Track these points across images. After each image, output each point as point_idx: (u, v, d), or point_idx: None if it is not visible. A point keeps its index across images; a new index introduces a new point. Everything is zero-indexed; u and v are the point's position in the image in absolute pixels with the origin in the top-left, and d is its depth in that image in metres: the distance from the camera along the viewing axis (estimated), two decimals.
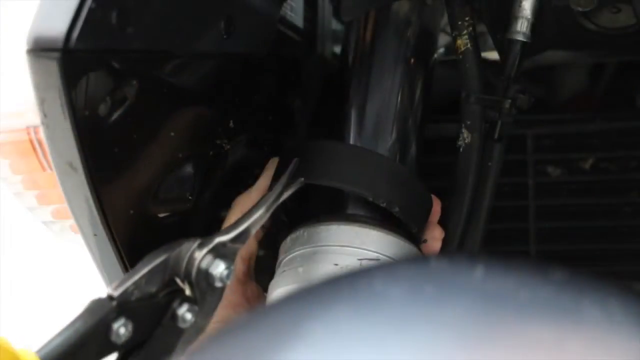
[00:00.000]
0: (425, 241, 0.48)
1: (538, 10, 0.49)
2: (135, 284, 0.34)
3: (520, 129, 0.77)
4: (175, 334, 0.36)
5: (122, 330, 0.32)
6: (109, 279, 0.44)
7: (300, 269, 0.43)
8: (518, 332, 0.20)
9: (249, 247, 0.47)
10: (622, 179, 0.78)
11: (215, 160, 0.49)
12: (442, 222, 0.51)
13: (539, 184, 0.78)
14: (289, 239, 0.46)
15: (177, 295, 0.36)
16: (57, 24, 0.32)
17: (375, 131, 0.50)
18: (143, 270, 0.34)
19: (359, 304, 0.22)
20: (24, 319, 1.27)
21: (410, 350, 0.19)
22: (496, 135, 0.52)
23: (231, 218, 0.47)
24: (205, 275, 0.37)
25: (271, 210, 0.41)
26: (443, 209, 0.51)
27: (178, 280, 0.37)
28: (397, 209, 0.43)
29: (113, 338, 0.32)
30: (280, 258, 0.46)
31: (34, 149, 0.70)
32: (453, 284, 0.22)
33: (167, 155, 0.45)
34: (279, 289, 0.43)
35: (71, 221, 0.43)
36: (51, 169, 0.67)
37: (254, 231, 0.40)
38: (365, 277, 0.24)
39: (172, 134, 0.44)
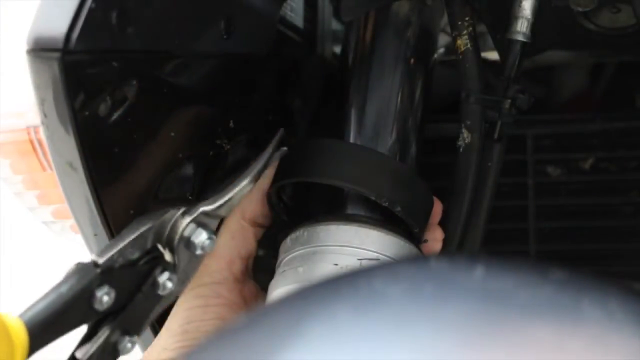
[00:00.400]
0: (426, 241, 0.48)
1: (538, 10, 0.49)
2: (120, 251, 0.34)
3: (520, 129, 0.77)
4: (154, 301, 0.37)
5: (105, 298, 0.33)
6: None
7: (300, 269, 0.43)
8: (518, 332, 0.20)
9: (248, 246, 0.47)
10: (622, 179, 0.78)
11: (215, 160, 0.49)
12: (442, 222, 0.51)
13: (539, 184, 0.78)
14: (289, 239, 0.46)
15: (158, 262, 0.37)
16: (57, 24, 0.32)
17: (375, 131, 0.50)
18: (128, 238, 0.35)
19: (359, 304, 0.22)
20: None
21: (411, 350, 0.19)
22: (496, 135, 0.52)
23: (230, 217, 0.47)
24: (187, 243, 0.37)
25: (255, 181, 0.41)
26: (443, 210, 0.51)
27: (160, 247, 0.37)
28: (399, 209, 0.43)
29: (96, 305, 0.32)
30: (280, 258, 0.46)
31: (34, 149, 0.70)
32: (453, 283, 0.22)
33: (167, 155, 0.45)
34: (279, 289, 0.43)
35: (71, 221, 0.43)
36: (51, 169, 0.67)
37: (237, 201, 0.40)
38: (365, 277, 0.24)
39: (172, 134, 0.44)
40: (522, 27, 0.49)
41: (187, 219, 0.37)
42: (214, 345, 0.23)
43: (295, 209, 0.49)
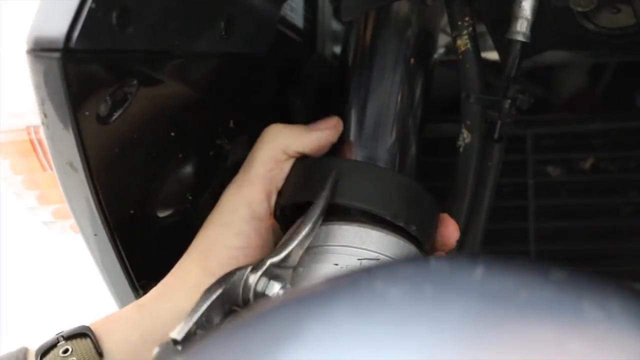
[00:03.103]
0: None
1: (538, 11, 0.49)
2: (196, 323, 0.34)
3: (520, 129, 0.77)
4: None
5: None
6: (109, 278, 0.44)
7: (301, 269, 0.43)
8: (518, 332, 0.20)
9: (282, 180, 0.45)
10: (622, 179, 0.78)
11: (215, 160, 0.49)
12: None
13: (539, 184, 0.79)
14: None
15: None
16: (58, 24, 0.32)
17: (375, 131, 0.50)
18: (201, 308, 0.35)
19: (359, 304, 0.22)
20: (25, 318, 1.27)
21: (411, 350, 0.19)
22: (496, 135, 0.52)
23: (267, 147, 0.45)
24: (263, 298, 0.37)
25: (317, 227, 0.41)
26: (442, 210, 0.51)
27: (237, 309, 0.37)
28: (414, 228, 0.43)
29: None
30: None
31: (34, 149, 0.70)
32: (453, 284, 0.22)
33: (167, 155, 0.45)
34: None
35: (71, 221, 0.43)
36: (51, 169, 0.67)
37: (303, 249, 0.40)
38: (365, 277, 0.24)
39: (172, 134, 0.44)
40: (521, 27, 0.49)
41: (257, 274, 0.37)
42: (215, 346, 0.23)
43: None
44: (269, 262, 0.38)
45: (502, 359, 0.19)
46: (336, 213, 0.46)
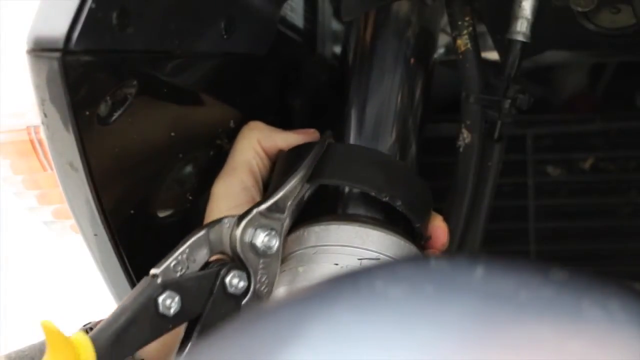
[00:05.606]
0: (429, 238, 0.48)
1: (538, 10, 0.49)
2: (177, 260, 0.35)
3: (520, 129, 0.77)
4: (230, 303, 0.37)
5: (169, 302, 0.34)
6: (109, 279, 0.44)
7: (301, 269, 0.43)
8: (518, 332, 0.20)
9: (266, 171, 0.47)
10: (622, 179, 0.78)
11: (215, 160, 0.49)
12: None
13: (539, 184, 0.79)
14: (288, 239, 0.46)
15: (224, 266, 0.38)
16: (58, 25, 0.32)
17: (375, 131, 0.50)
18: (182, 246, 0.36)
19: (359, 304, 0.22)
20: (25, 318, 1.28)
21: (412, 350, 0.19)
22: (496, 135, 0.52)
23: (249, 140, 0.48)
24: (251, 247, 0.38)
25: (305, 179, 0.41)
26: (442, 210, 0.51)
27: (226, 257, 0.38)
28: (399, 203, 0.43)
29: (162, 310, 0.34)
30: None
31: (35, 149, 0.70)
32: (454, 284, 0.22)
33: (167, 155, 0.45)
34: (279, 289, 0.43)
35: (71, 221, 0.43)
36: (52, 169, 0.67)
37: (291, 199, 0.41)
38: (365, 277, 0.24)
39: (172, 134, 0.44)
40: (522, 27, 0.49)
41: (243, 223, 0.38)
42: (215, 346, 0.23)
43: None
44: (255, 210, 0.39)
45: (502, 359, 0.19)
46: (335, 213, 0.46)
